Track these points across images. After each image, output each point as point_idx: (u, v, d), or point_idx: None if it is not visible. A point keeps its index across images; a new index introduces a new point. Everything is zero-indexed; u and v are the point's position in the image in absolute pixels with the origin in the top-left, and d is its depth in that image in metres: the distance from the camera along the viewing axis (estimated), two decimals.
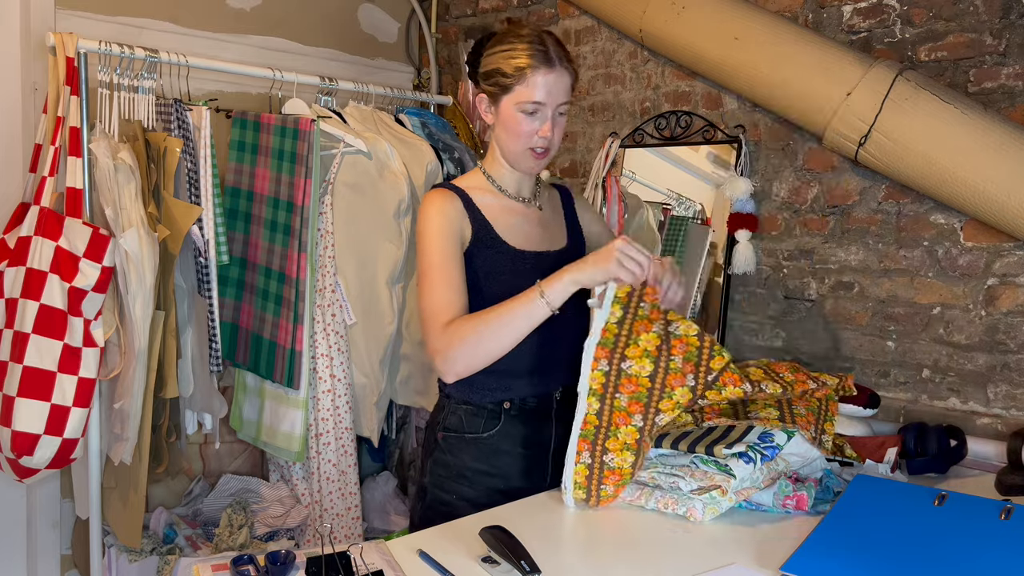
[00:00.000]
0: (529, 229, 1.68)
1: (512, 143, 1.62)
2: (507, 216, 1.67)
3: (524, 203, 1.71)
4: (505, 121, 1.61)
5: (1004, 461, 1.75)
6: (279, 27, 2.91)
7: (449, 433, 1.66)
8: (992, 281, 1.97)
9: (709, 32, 2.26)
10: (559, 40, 1.62)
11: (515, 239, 1.65)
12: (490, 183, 1.69)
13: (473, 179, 1.71)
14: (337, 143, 2.45)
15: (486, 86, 1.62)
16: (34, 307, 1.99)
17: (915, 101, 1.91)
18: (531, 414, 1.66)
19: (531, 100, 1.56)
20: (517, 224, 1.67)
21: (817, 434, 1.53)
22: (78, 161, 2.08)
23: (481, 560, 1.26)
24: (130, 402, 2.14)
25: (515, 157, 1.64)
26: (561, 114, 1.61)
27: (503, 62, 1.58)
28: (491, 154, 1.70)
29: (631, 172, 2.63)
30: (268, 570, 1.24)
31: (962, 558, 1.27)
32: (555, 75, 1.57)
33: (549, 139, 1.60)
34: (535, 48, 1.56)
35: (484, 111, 1.65)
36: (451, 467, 1.66)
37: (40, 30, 2.35)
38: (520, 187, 1.70)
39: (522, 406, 1.65)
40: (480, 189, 1.68)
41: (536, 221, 1.71)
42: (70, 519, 2.51)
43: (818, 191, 2.24)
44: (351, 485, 2.52)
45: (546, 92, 1.57)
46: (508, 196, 1.69)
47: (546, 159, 1.64)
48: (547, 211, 1.75)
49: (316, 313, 2.46)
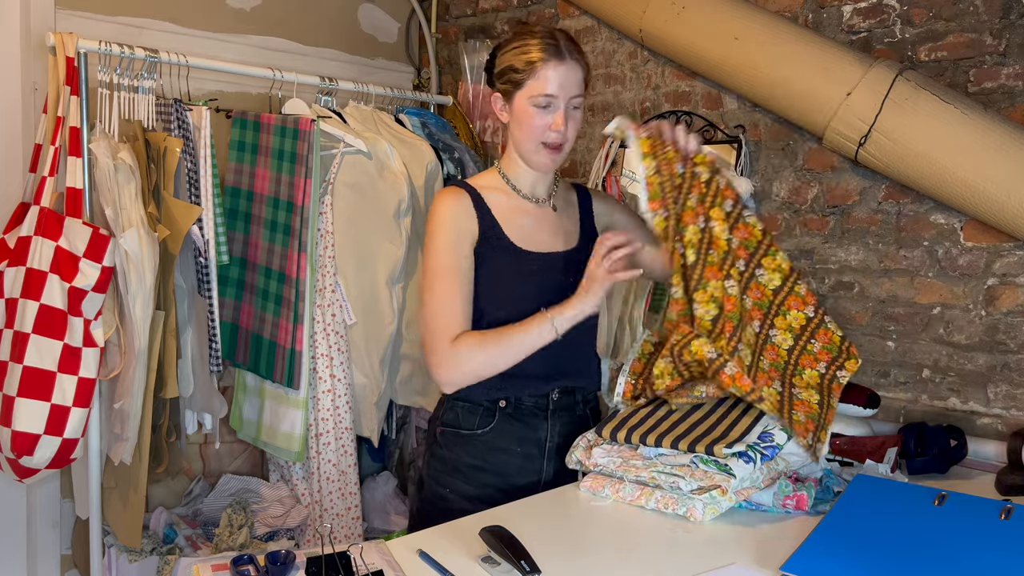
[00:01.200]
0: (538, 229, 1.68)
1: (526, 138, 1.61)
2: (517, 216, 1.67)
3: (537, 203, 1.70)
4: (518, 117, 1.61)
5: (1004, 461, 1.75)
6: (279, 27, 2.91)
7: (447, 428, 1.67)
8: (992, 281, 1.97)
9: (709, 32, 2.26)
10: (570, 36, 1.62)
11: (522, 239, 1.65)
12: (504, 182, 1.69)
13: (488, 178, 1.71)
14: (337, 143, 2.46)
15: (500, 85, 1.63)
16: (34, 307, 1.99)
17: (915, 101, 1.91)
18: (527, 412, 1.66)
19: (543, 93, 1.56)
20: (527, 224, 1.67)
21: (813, 441, 1.53)
22: (78, 161, 2.08)
23: (481, 560, 1.26)
24: (130, 402, 2.14)
25: (529, 153, 1.63)
26: (575, 108, 1.60)
27: (515, 59, 1.59)
28: (508, 153, 1.70)
29: (631, 172, 2.63)
30: (268, 570, 1.24)
31: (962, 558, 1.27)
32: (566, 67, 1.57)
33: (563, 132, 1.59)
34: (545, 42, 1.57)
35: (499, 110, 1.65)
36: (447, 462, 1.66)
37: (40, 30, 2.35)
38: (535, 187, 1.70)
39: (518, 404, 1.65)
40: (493, 188, 1.68)
41: (547, 221, 1.71)
42: (70, 519, 2.51)
43: (818, 191, 2.24)
44: (351, 485, 2.52)
45: (558, 84, 1.57)
46: (521, 196, 1.69)
47: (561, 155, 1.63)
48: (561, 211, 1.74)
49: (316, 313, 2.46)
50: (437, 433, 1.69)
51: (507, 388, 1.64)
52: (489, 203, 1.65)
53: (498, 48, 1.67)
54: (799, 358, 1.60)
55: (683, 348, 1.56)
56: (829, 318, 1.62)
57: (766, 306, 1.61)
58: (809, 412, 1.55)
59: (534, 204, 1.70)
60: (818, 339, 1.60)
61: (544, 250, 1.67)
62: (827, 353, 1.60)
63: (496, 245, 1.63)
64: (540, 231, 1.68)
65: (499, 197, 1.67)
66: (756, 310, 1.61)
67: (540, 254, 1.66)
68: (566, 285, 1.65)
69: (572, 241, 1.72)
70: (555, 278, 1.65)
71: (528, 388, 1.65)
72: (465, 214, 1.62)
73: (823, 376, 1.59)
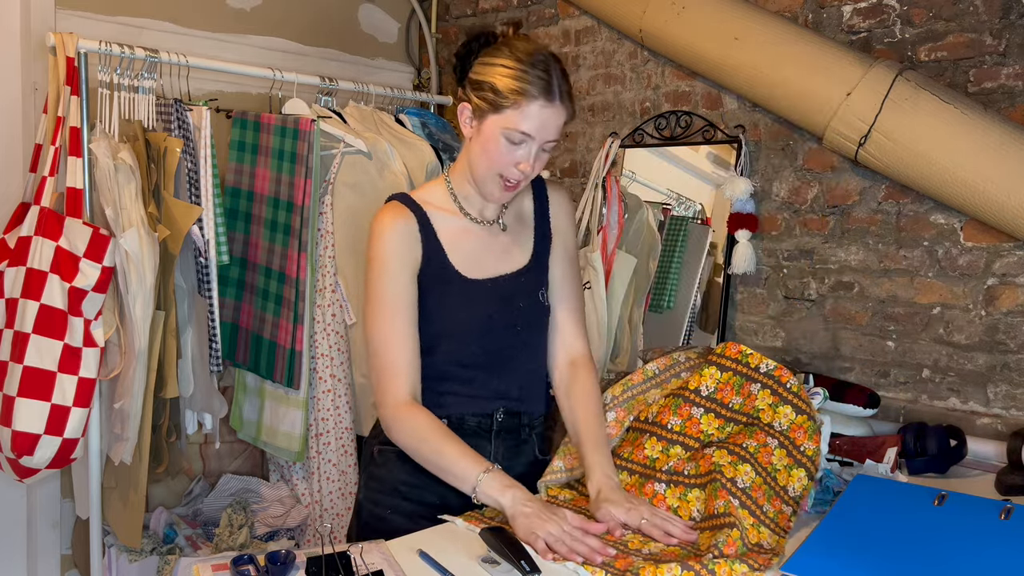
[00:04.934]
0: (486, 253, 1.57)
1: (485, 166, 1.48)
2: (464, 240, 1.56)
3: (484, 224, 1.58)
4: (485, 141, 1.47)
5: (1004, 461, 1.75)
6: (279, 27, 2.91)
7: (385, 447, 1.56)
8: (992, 281, 1.97)
9: (709, 32, 2.26)
10: (564, 71, 1.48)
11: (468, 267, 1.54)
12: (452, 200, 1.58)
13: (434, 192, 1.59)
14: (337, 143, 2.46)
15: (474, 97, 1.48)
16: (34, 307, 1.99)
17: (915, 101, 1.91)
18: (470, 432, 1.55)
19: (519, 129, 1.43)
20: (473, 249, 1.56)
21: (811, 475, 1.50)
22: (78, 161, 2.08)
23: (481, 560, 1.26)
24: (130, 402, 2.14)
25: (483, 180, 1.51)
26: (544, 151, 1.48)
27: (499, 78, 1.43)
28: (460, 166, 1.57)
29: (631, 172, 2.63)
30: (268, 570, 1.24)
31: (962, 558, 1.27)
32: (552, 111, 1.43)
33: (526, 174, 1.47)
34: (538, 75, 1.43)
35: (464, 122, 1.51)
36: (385, 481, 1.58)
37: (40, 30, 2.35)
38: (484, 209, 1.58)
39: (460, 424, 1.54)
40: (439, 207, 1.56)
41: (495, 243, 1.59)
42: (70, 519, 2.51)
43: (818, 191, 2.24)
44: (351, 485, 2.52)
45: (538, 126, 1.43)
46: (468, 217, 1.57)
47: (514, 192, 1.52)
48: (511, 229, 1.62)
49: (316, 313, 2.46)
50: (375, 452, 1.60)
51: (449, 406, 1.54)
52: (435, 225, 1.54)
53: (475, 44, 1.52)
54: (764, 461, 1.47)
55: None
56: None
57: None
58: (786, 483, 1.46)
59: (481, 225, 1.58)
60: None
61: (490, 275, 1.56)
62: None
63: (440, 273, 1.53)
64: (486, 254, 1.57)
65: (445, 218, 1.55)
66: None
67: (485, 280, 1.55)
68: (513, 308, 1.57)
69: (523, 259, 1.61)
70: (500, 303, 1.56)
71: (471, 407, 1.56)
72: (409, 239, 1.51)
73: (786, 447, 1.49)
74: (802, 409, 1.49)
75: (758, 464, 1.43)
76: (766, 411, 1.50)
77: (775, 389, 1.51)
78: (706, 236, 2.48)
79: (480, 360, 1.55)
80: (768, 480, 1.42)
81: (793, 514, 1.41)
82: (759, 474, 1.42)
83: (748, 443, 1.45)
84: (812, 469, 1.46)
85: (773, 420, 1.49)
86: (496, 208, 1.60)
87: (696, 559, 1.23)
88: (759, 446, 1.45)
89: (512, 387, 1.59)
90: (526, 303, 1.58)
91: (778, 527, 1.38)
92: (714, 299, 2.44)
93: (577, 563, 1.24)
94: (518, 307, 1.57)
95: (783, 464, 1.45)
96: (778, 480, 1.43)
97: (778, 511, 1.40)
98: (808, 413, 1.49)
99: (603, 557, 1.25)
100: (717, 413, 1.52)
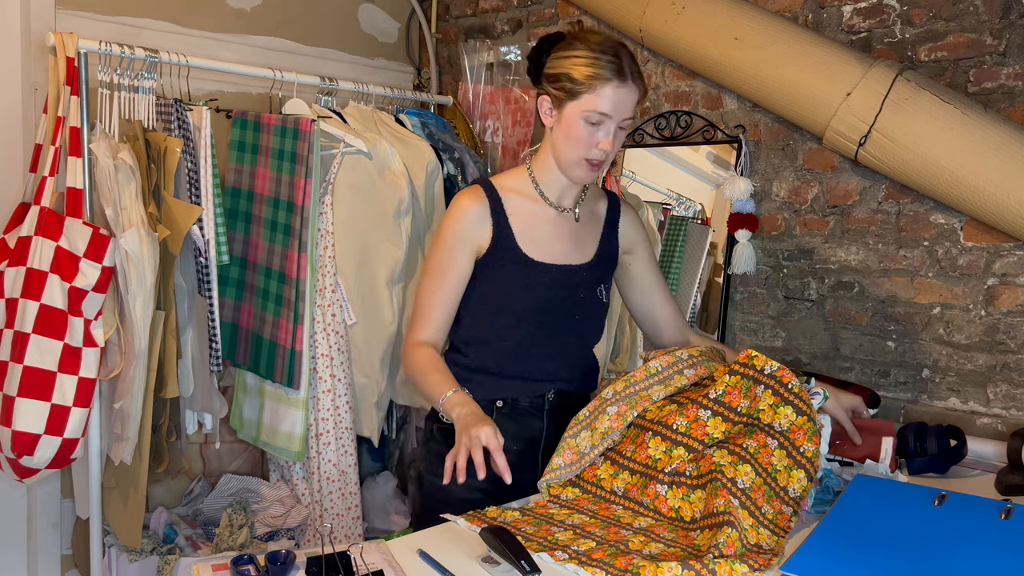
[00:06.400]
0: (555, 240, 1.68)
1: (570, 150, 1.60)
2: (535, 224, 1.67)
3: (560, 211, 1.70)
4: (567, 127, 1.59)
5: (1004, 461, 1.75)
6: (279, 27, 2.91)
7: (444, 425, 1.67)
8: (992, 281, 1.97)
9: (709, 32, 2.26)
10: (632, 54, 1.60)
11: (535, 250, 1.65)
12: (532, 186, 1.69)
13: (515, 179, 1.70)
14: (337, 143, 2.45)
15: (552, 89, 1.60)
16: (34, 307, 1.99)
17: (915, 101, 1.91)
18: (523, 412, 1.69)
19: (597, 110, 1.55)
20: (543, 234, 1.67)
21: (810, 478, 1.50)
22: (78, 161, 2.08)
23: (481, 560, 1.26)
24: (130, 402, 2.14)
25: (569, 165, 1.63)
26: (622, 128, 1.60)
27: (574, 68, 1.56)
28: (542, 156, 1.68)
29: (631, 172, 2.63)
30: (268, 570, 1.24)
31: (962, 558, 1.27)
32: (625, 90, 1.56)
33: (608, 152, 1.59)
34: (609, 59, 1.55)
35: (544, 113, 1.63)
36: (443, 457, 1.64)
37: (40, 30, 2.35)
38: (563, 195, 1.70)
39: (514, 405, 1.68)
40: (517, 192, 1.68)
41: (566, 231, 1.70)
42: (70, 519, 2.51)
43: (818, 191, 2.24)
44: (351, 485, 2.52)
45: (614, 105, 1.56)
46: (547, 202, 1.69)
47: (599, 171, 1.63)
48: (584, 222, 1.74)
49: (316, 313, 2.45)
50: (434, 429, 1.71)
51: (505, 390, 1.67)
52: (508, 209, 1.66)
53: (552, 47, 1.63)
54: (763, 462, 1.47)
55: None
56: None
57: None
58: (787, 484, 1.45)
59: (556, 212, 1.70)
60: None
61: (558, 262, 1.67)
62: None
63: (506, 255, 1.64)
64: (557, 241, 1.68)
65: (521, 202, 1.67)
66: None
67: (552, 265, 1.66)
68: (574, 297, 1.68)
69: (588, 254, 1.72)
70: (563, 291, 1.67)
71: (525, 390, 1.68)
72: (478, 221, 1.64)
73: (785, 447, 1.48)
74: (803, 410, 1.49)
75: (758, 464, 1.43)
76: (767, 411, 1.50)
77: (776, 389, 1.51)
78: (706, 236, 2.48)
79: (536, 340, 1.66)
80: (768, 480, 1.42)
81: (793, 514, 1.41)
82: (759, 475, 1.42)
83: (748, 443, 1.46)
84: (811, 470, 1.46)
85: (773, 421, 1.49)
86: (575, 196, 1.72)
87: (696, 559, 1.23)
88: (759, 447, 1.45)
89: (562, 369, 1.71)
90: (586, 295, 1.70)
91: (777, 528, 1.38)
92: (714, 299, 2.44)
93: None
94: (579, 297, 1.69)
95: (783, 465, 1.45)
96: (778, 481, 1.43)
97: (778, 512, 1.40)
98: (808, 415, 1.49)
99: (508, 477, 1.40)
100: (724, 417, 1.52)
